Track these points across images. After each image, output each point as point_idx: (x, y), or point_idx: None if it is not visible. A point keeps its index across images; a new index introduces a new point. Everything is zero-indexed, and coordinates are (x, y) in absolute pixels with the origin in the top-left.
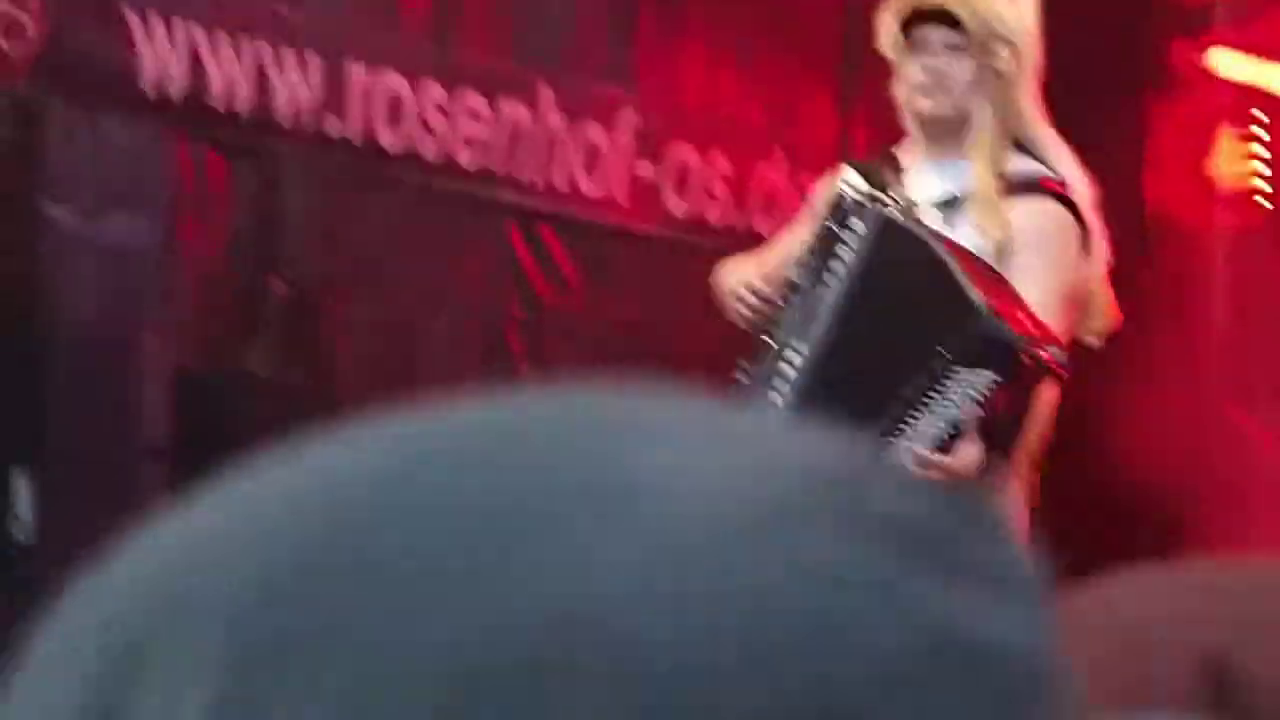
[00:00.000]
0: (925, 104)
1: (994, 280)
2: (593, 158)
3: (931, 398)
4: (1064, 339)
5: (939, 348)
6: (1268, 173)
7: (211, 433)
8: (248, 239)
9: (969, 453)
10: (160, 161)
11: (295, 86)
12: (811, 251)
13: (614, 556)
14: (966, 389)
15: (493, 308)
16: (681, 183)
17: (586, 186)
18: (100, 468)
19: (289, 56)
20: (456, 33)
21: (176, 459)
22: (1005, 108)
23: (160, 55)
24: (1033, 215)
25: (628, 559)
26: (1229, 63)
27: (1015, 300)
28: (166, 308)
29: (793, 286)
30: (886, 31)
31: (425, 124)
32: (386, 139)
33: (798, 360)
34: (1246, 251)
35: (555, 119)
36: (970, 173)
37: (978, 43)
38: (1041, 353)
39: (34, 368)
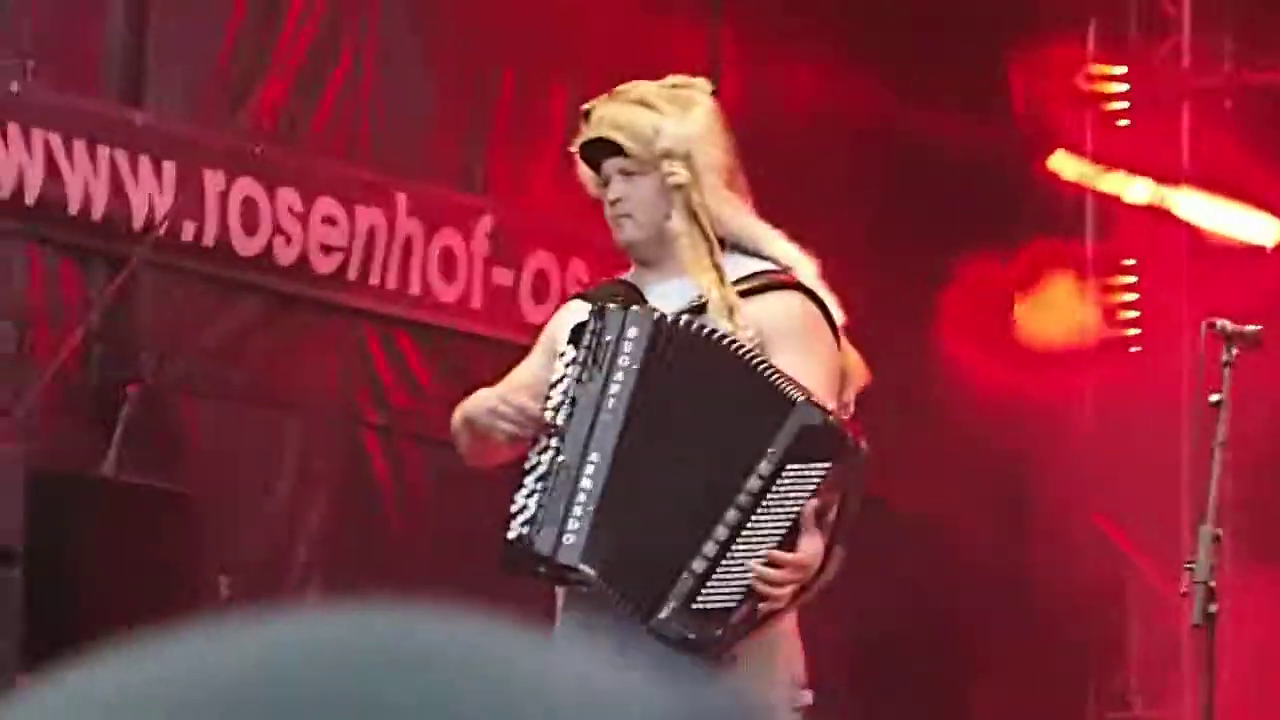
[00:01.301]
0: (619, 234)
1: (781, 370)
2: (448, 264)
3: (768, 496)
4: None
5: (767, 446)
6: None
7: (64, 536)
8: (103, 342)
9: (812, 546)
10: (12, 266)
11: (150, 192)
12: (585, 364)
13: None
14: (802, 483)
15: (348, 412)
16: (539, 289)
17: (442, 292)
18: None
19: (144, 163)
20: (312, 140)
21: (29, 562)
22: (697, 216)
23: (15, 161)
24: (776, 315)
25: None
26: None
27: (806, 388)
28: (18, 411)
29: (571, 400)
30: (582, 174)
31: (280, 229)
32: (241, 244)
33: (593, 472)
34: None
35: (411, 225)
36: (696, 285)
37: (646, 162)
38: (853, 434)
39: None
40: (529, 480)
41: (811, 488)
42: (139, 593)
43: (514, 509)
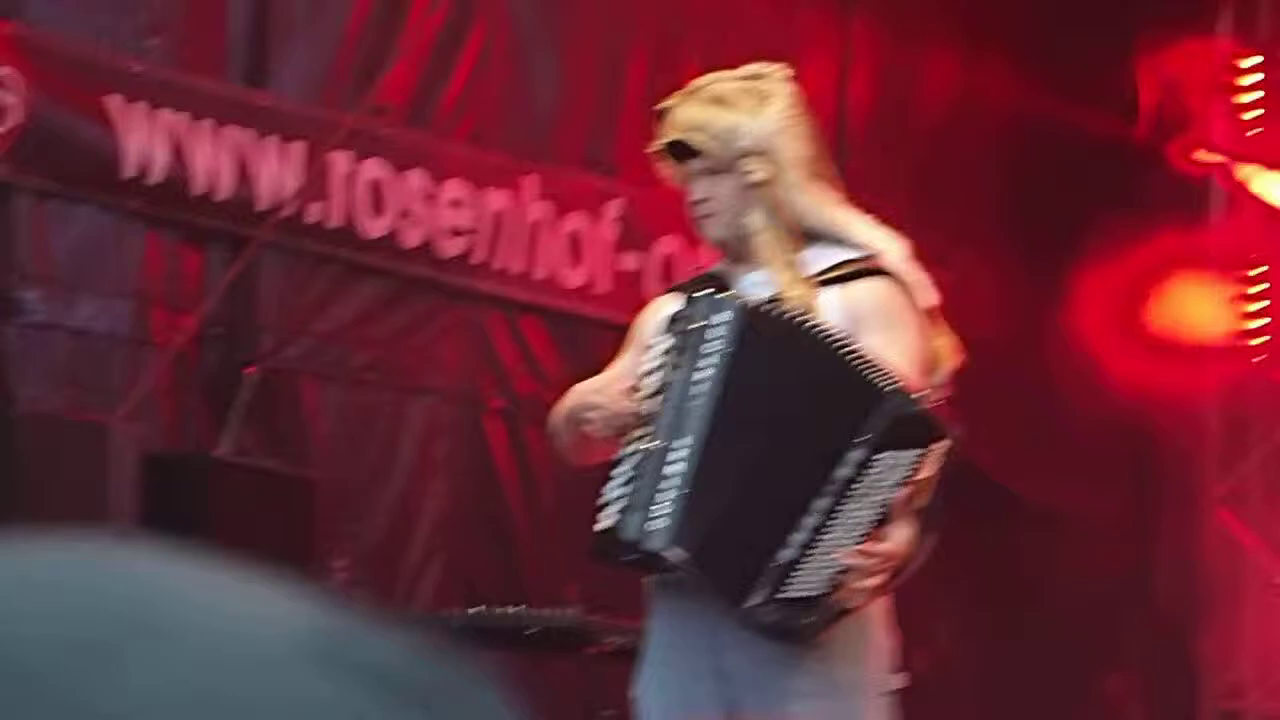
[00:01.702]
0: (704, 233)
1: (872, 357)
2: (576, 248)
3: (859, 484)
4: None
5: (858, 434)
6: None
7: (181, 516)
8: (222, 324)
9: (902, 535)
10: (134, 246)
11: (276, 174)
12: (675, 351)
13: (161, 684)
14: (893, 471)
15: (471, 396)
16: (666, 274)
17: (569, 276)
18: None
19: (269, 144)
20: (441, 122)
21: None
22: (778, 211)
23: (142, 142)
24: (862, 300)
25: (174, 688)
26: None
27: (898, 374)
28: (136, 392)
29: (662, 388)
30: (665, 171)
31: (407, 212)
32: (367, 227)
33: (682, 457)
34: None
35: (538, 208)
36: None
37: (725, 162)
38: (945, 420)
39: (3, 449)
40: (619, 470)
41: (902, 476)
42: None
43: (604, 500)
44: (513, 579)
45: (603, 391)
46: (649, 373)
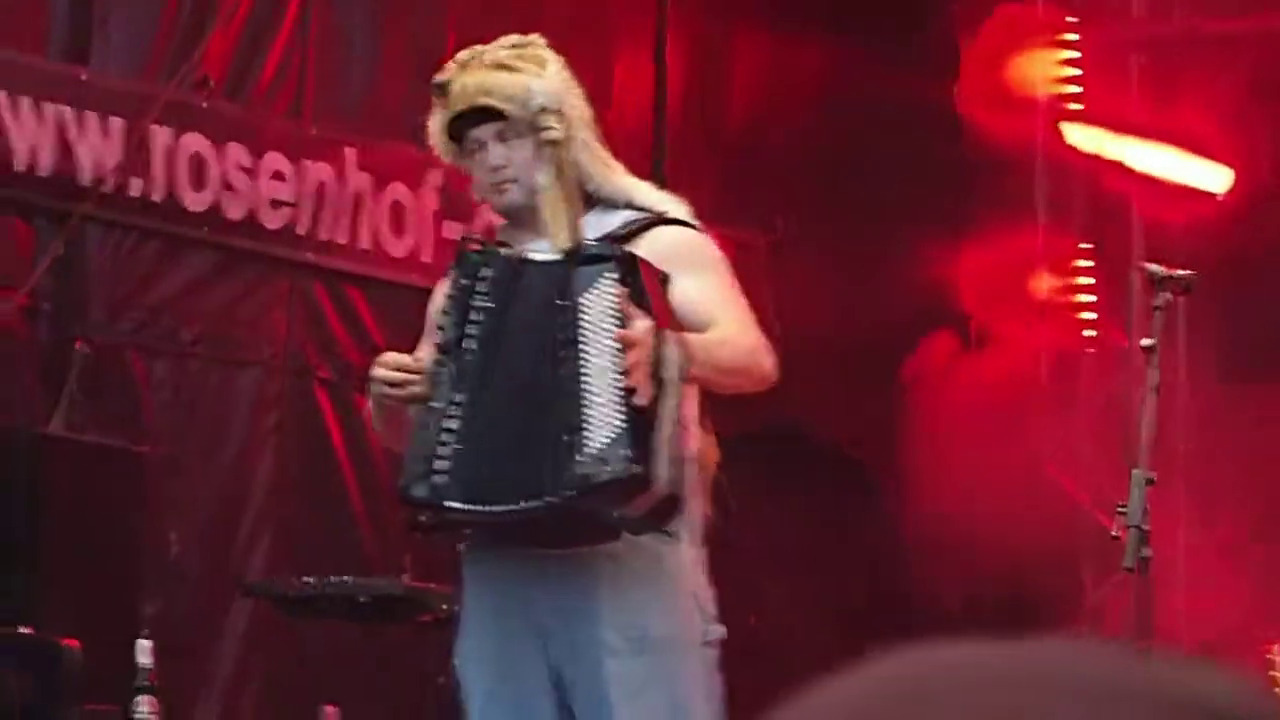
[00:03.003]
0: (502, 200)
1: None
2: (398, 218)
3: (583, 330)
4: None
5: (564, 300)
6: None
7: (13, 493)
8: (50, 300)
9: (639, 325)
10: None
11: (97, 149)
12: (448, 313)
13: None
14: (602, 302)
15: (298, 367)
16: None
17: (392, 246)
18: None
19: (90, 119)
20: (260, 95)
21: None
22: (565, 172)
23: None
24: (665, 245)
25: None
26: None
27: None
28: None
29: (440, 350)
30: (437, 142)
31: (229, 185)
32: (190, 200)
33: (458, 410)
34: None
35: (360, 179)
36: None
37: (523, 124)
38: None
39: None
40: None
41: (610, 299)
42: (89, 550)
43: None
44: (346, 548)
45: (391, 364)
46: (438, 332)
